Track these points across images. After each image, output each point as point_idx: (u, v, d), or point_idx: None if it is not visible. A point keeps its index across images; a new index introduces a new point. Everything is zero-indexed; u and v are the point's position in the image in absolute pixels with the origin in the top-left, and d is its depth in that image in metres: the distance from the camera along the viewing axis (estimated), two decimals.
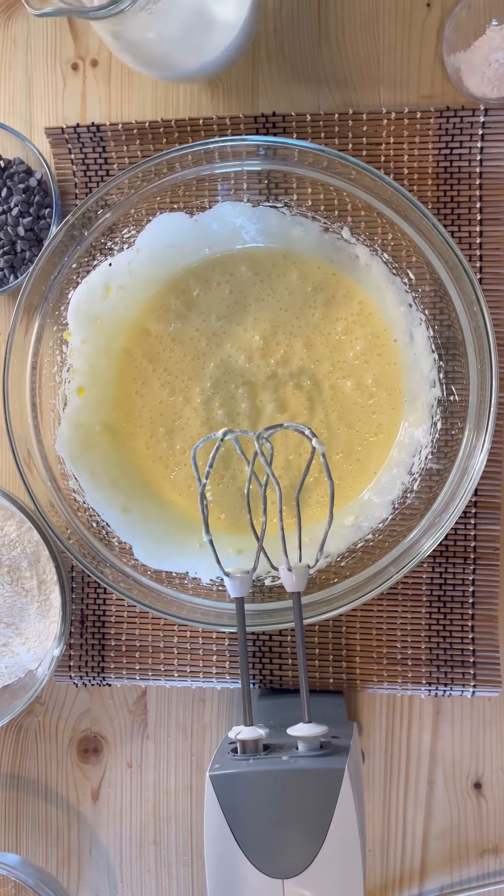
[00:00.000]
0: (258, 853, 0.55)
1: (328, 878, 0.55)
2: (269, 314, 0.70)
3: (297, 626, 0.60)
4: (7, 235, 0.72)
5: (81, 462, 0.69)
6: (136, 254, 0.69)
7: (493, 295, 0.69)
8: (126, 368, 0.71)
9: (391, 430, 0.69)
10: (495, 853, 0.72)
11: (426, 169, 0.69)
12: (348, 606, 0.64)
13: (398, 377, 0.69)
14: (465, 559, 0.70)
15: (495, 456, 0.70)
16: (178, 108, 0.73)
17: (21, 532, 0.73)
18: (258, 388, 0.70)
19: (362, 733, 0.72)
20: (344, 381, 0.69)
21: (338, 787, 0.55)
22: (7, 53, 0.75)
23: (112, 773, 0.75)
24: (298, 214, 0.68)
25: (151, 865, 0.75)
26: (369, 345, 0.69)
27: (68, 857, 0.76)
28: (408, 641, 0.71)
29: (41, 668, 0.72)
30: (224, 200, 0.68)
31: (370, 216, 0.66)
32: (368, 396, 0.69)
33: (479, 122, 0.68)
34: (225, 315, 0.70)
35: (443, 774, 0.72)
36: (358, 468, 0.69)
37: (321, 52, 0.71)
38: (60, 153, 0.73)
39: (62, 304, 0.68)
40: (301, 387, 0.69)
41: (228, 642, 0.72)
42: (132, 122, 0.72)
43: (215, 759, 0.58)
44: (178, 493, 0.71)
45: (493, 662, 0.70)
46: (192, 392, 0.70)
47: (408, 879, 0.72)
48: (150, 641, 0.73)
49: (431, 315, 0.66)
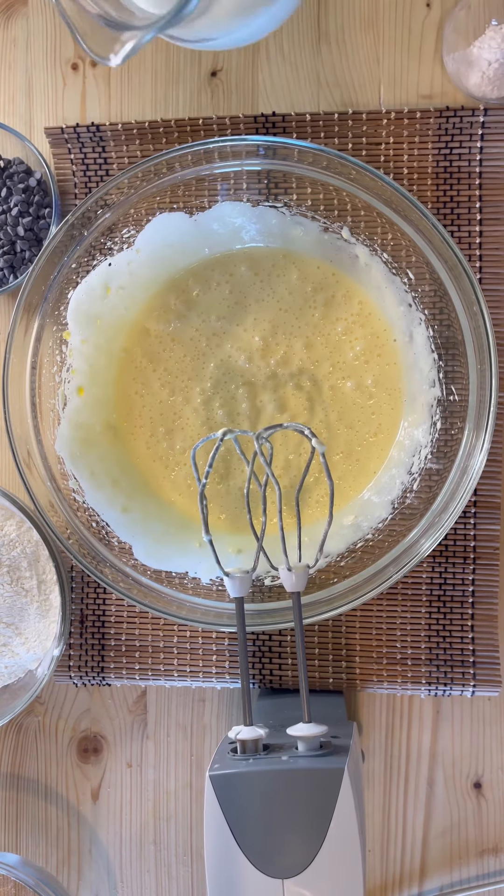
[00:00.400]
0: (258, 853, 0.55)
1: (328, 879, 0.55)
2: (269, 314, 0.70)
3: (297, 626, 0.60)
4: (7, 235, 0.72)
5: (81, 462, 0.69)
6: (135, 254, 0.69)
7: (493, 295, 0.69)
8: (126, 368, 0.71)
9: (391, 431, 0.69)
10: (495, 853, 0.72)
11: (426, 169, 0.69)
12: (348, 606, 0.64)
13: (398, 377, 0.69)
14: (465, 559, 0.70)
15: (495, 456, 0.70)
16: (178, 108, 0.73)
17: (21, 532, 0.73)
18: (258, 389, 0.70)
19: (362, 733, 0.72)
20: (344, 382, 0.69)
21: (338, 787, 0.55)
22: (7, 53, 0.75)
23: (112, 773, 0.75)
24: (298, 214, 0.68)
25: (151, 865, 0.75)
26: (369, 345, 0.69)
27: (68, 857, 0.76)
28: (407, 641, 0.71)
29: (41, 668, 0.72)
30: (224, 200, 0.68)
31: (370, 216, 0.66)
32: (368, 397, 0.69)
33: (478, 122, 0.68)
34: (225, 315, 0.70)
35: (443, 774, 0.72)
36: (358, 468, 0.69)
37: (321, 52, 0.71)
38: (60, 153, 0.73)
39: (62, 304, 0.68)
40: (301, 387, 0.69)
41: (228, 642, 0.72)
42: (132, 122, 0.72)
43: (215, 759, 0.58)
44: (178, 493, 0.71)
45: (493, 662, 0.70)
46: (192, 392, 0.70)
47: (408, 879, 0.72)
48: (150, 641, 0.73)
49: (431, 315, 0.66)
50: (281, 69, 0.72)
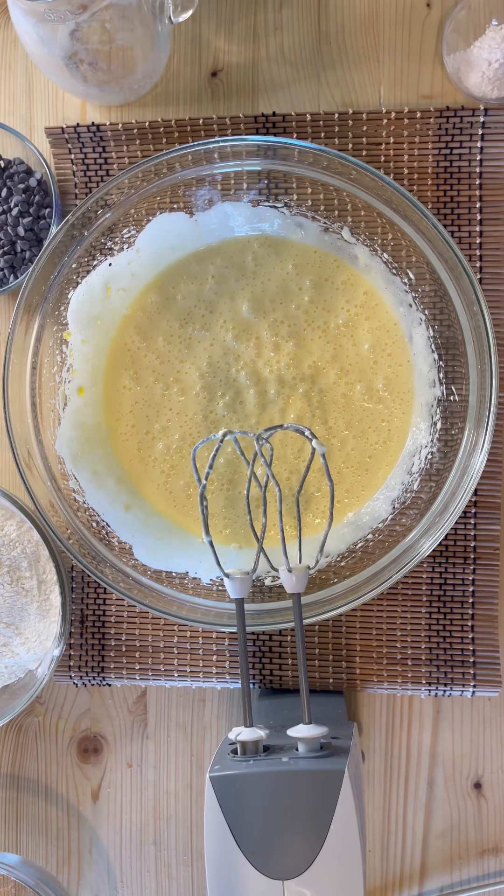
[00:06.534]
0: (258, 854, 0.55)
1: (328, 880, 0.55)
2: (270, 315, 0.70)
3: (297, 627, 0.60)
4: (7, 235, 0.72)
5: (83, 461, 0.69)
6: (136, 254, 0.69)
7: (493, 295, 0.69)
8: (126, 368, 0.71)
9: (400, 437, 0.69)
10: (495, 853, 0.72)
11: (426, 169, 0.69)
12: (348, 606, 0.64)
13: (408, 377, 0.68)
14: (465, 559, 0.70)
15: (495, 456, 0.70)
16: (178, 108, 0.73)
17: (21, 532, 0.73)
18: (262, 390, 0.70)
19: (362, 733, 0.72)
20: (352, 385, 0.69)
21: (338, 789, 0.55)
22: (7, 53, 0.75)
23: (112, 773, 0.75)
24: (298, 214, 0.68)
25: (151, 865, 0.75)
26: (379, 342, 0.68)
27: (68, 857, 0.76)
28: (408, 641, 0.71)
29: (41, 668, 0.72)
30: (224, 200, 0.68)
31: (370, 216, 0.66)
32: (377, 401, 0.69)
33: (479, 122, 0.68)
34: (219, 310, 0.70)
35: (443, 774, 0.72)
36: (366, 478, 0.69)
37: (321, 52, 0.71)
38: (60, 153, 0.73)
39: (62, 304, 0.68)
40: (307, 391, 0.69)
41: (228, 642, 0.72)
42: (132, 122, 0.72)
43: (215, 760, 0.58)
44: (176, 494, 0.71)
45: (493, 662, 0.70)
46: (192, 392, 0.70)
47: (408, 879, 0.72)
48: (150, 641, 0.73)
49: (431, 315, 0.66)
50: (281, 69, 0.72)
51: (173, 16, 0.66)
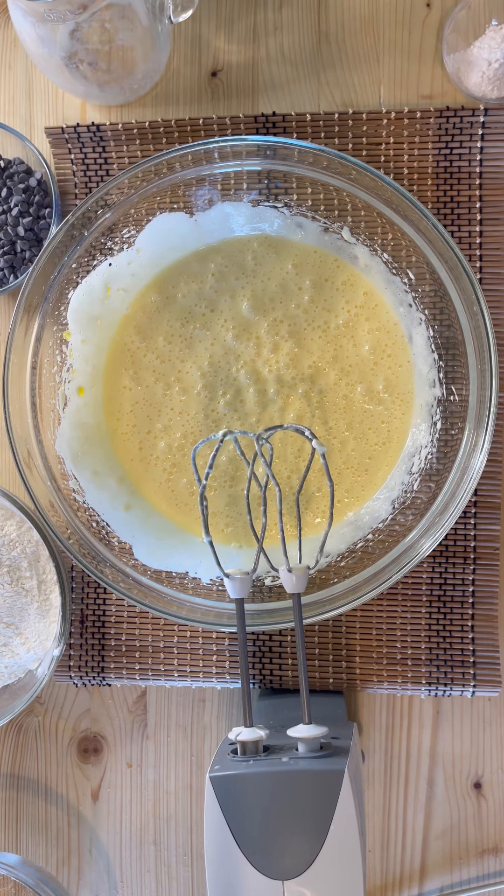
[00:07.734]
0: (258, 855, 0.55)
1: (328, 880, 0.55)
2: (270, 315, 0.70)
3: (297, 627, 0.60)
4: (7, 235, 0.72)
5: (83, 461, 0.69)
6: (136, 254, 0.69)
7: (493, 295, 0.69)
8: (126, 368, 0.71)
9: (400, 438, 0.69)
10: (495, 853, 0.72)
11: (426, 169, 0.69)
12: (348, 606, 0.64)
13: (408, 378, 0.68)
14: (465, 559, 0.70)
15: (495, 456, 0.70)
16: (178, 108, 0.73)
17: (21, 532, 0.73)
18: (262, 389, 0.70)
19: (362, 733, 0.72)
20: (353, 387, 0.69)
21: (338, 789, 0.55)
22: (7, 53, 0.75)
23: (112, 773, 0.75)
24: (298, 214, 0.68)
25: (151, 865, 0.75)
26: (379, 342, 0.68)
27: (68, 857, 0.76)
28: (408, 641, 0.71)
29: (41, 668, 0.72)
30: (224, 200, 0.68)
31: (370, 216, 0.66)
32: (378, 403, 0.69)
33: (478, 122, 0.68)
34: (220, 309, 0.70)
35: (443, 774, 0.72)
36: (366, 479, 0.69)
37: (321, 52, 0.71)
38: (60, 153, 0.73)
39: (62, 304, 0.68)
40: (307, 391, 0.69)
41: (228, 642, 0.72)
42: (132, 122, 0.72)
43: (215, 761, 0.58)
44: (178, 493, 0.71)
45: (493, 662, 0.70)
46: (194, 391, 0.70)
47: (408, 879, 0.72)
48: (150, 641, 0.73)
49: (431, 315, 0.66)
50: (281, 69, 0.72)
51: (173, 16, 0.66)
